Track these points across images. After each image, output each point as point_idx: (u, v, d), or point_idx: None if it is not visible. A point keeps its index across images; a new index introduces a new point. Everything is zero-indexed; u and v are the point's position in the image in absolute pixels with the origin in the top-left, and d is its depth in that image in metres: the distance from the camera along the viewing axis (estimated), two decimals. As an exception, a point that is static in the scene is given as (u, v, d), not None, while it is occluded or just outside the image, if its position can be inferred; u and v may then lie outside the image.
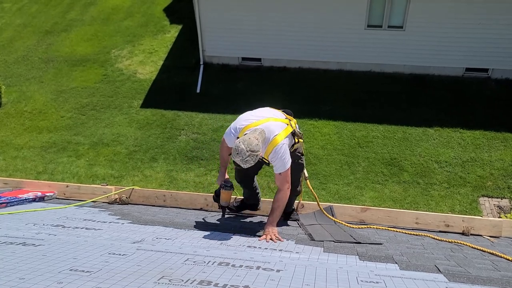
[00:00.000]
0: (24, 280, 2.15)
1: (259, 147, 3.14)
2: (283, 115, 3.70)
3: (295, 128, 3.67)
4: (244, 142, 3.11)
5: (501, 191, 7.92)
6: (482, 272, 2.79)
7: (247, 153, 3.09)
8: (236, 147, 3.13)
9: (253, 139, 3.14)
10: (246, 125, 3.40)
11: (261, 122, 3.41)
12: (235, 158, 3.15)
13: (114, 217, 3.92)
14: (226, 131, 3.55)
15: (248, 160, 3.12)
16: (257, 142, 3.14)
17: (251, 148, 3.09)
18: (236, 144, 3.15)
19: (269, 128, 3.38)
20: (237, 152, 3.11)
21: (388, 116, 9.62)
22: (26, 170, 9.04)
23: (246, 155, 3.09)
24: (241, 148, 3.09)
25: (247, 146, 3.09)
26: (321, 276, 2.50)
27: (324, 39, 10.77)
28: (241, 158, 3.11)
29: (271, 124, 3.43)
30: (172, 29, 13.29)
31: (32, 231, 3.22)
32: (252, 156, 3.11)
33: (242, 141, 3.13)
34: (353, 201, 7.76)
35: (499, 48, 10.07)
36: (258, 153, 3.15)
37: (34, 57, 12.70)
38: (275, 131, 3.39)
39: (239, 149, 3.10)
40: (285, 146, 3.42)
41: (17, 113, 10.75)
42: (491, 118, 9.36)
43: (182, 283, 2.24)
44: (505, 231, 3.85)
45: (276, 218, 3.51)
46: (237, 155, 3.12)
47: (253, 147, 3.10)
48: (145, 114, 10.31)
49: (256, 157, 3.15)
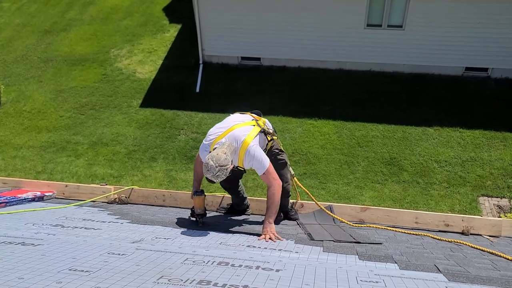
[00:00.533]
0: (23, 280, 2.15)
1: (228, 161, 3.21)
2: (250, 117, 3.75)
3: (264, 126, 3.69)
4: (212, 159, 3.19)
5: (501, 190, 7.92)
6: (482, 271, 2.79)
7: (216, 169, 3.16)
8: (205, 164, 3.21)
9: (221, 154, 3.21)
10: (214, 139, 3.46)
11: (226, 132, 3.47)
12: (206, 174, 3.22)
13: (113, 216, 3.91)
14: (199, 147, 3.62)
15: (219, 175, 3.20)
16: (226, 156, 3.21)
17: (219, 163, 3.17)
18: (205, 161, 3.23)
19: (234, 136, 3.43)
20: (207, 169, 3.19)
21: (387, 116, 9.62)
22: (25, 169, 9.03)
23: (216, 170, 3.17)
24: (211, 164, 3.17)
25: (215, 162, 3.17)
26: (321, 276, 2.50)
27: (323, 38, 10.77)
28: (211, 174, 3.19)
29: (235, 131, 3.48)
30: (172, 28, 13.28)
31: (31, 231, 3.22)
32: (222, 171, 3.19)
33: (210, 157, 3.21)
34: (353, 201, 7.76)
35: (498, 48, 10.07)
36: (228, 166, 3.21)
37: (33, 56, 12.69)
38: (241, 136, 3.44)
39: (209, 166, 3.18)
40: (255, 147, 3.46)
41: (16, 112, 10.74)
42: (491, 118, 9.36)
43: (182, 283, 2.23)
44: (504, 230, 3.85)
45: (272, 215, 3.51)
46: (208, 172, 3.20)
47: (222, 161, 3.17)
48: (145, 114, 10.30)
49: (227, 171, 3.22)
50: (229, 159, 3.22)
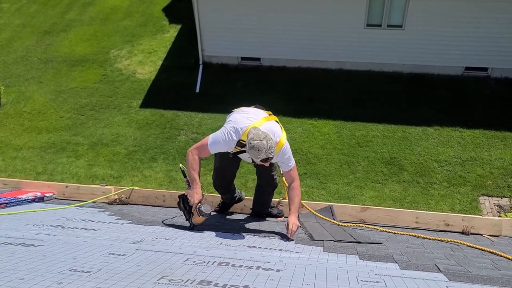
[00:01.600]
0: (23, 281, 2.15)
1: (265, 133, 3.19)
2: (265, 112, 3.73)
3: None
4: (253, 139, 3.11)
5: (501, 190, 7.92)
6: (482, 271, 2.79)
7: (264, 142, 3.09)
8: (253, 148, 3.10)
9: (255, 132, 3.16)
10: (247, 125, 3.36)
11: (259, 123, 3.42)
12: (260, 155, 3.11)
13: (113, 217, 3.91)
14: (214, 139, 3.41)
15: (271, 146, 3.13)
16: (259, 132, 3.18)
17: (262, 136, 3.12)
18: (251, 147, 3.11)
19: (272, 129, 3.42)
20: (258, 149, 3.10)
21: (387, 116, 9.62)
22: (26, 170, 9.03)
23: (265, 144, 3.09)
24: (257, 143, 3.09)
25: (257, 137, 3.11)
26: (321, 276, 2.49)
27: (323, 38, 10.77)
28: (265, 150, 3.09)
29: (271, 125, 3.47)
30: (171, 29, 13.29)
31: (31, 232, 3.22)
32: (270, 140, 3.14)
33: (251, 140, 3.12)
34: (353, 201, 7.76)
35: (498, 47, 10.07)
36: (269, 136, 3.19)
37: (33, 57, 12.69)
38: (278, 132, 3.47)
39: (257, 145, 3.09)
40: (288, 145, 3.54)
41: (16, 113, 10.74)
42: (491, 117, 9.36)
43: (182, 283, 2.23)
44: (505, 230, 3.85)
45: (297, 209, 3.63)
46: (259, 152, 3.10)
47: (262, 134, 3.14)
48: (145, 114, 10.30)
49: (272, 140, 3.18)
50: (265, 132, 3.19)
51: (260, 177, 4.05)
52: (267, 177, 3.97)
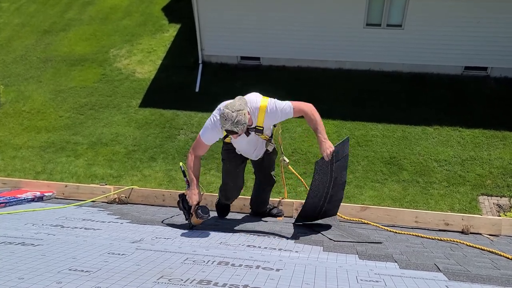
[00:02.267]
0: (23, 280, 2.15)
1: (242, 107, 3.17)
2: None
3: None
4: (226, 107, 3.14)
5: (501, 189, 7.92)
6: (482, 270, 2.79)
7: (234, 114, 3.09)
8: (222, 115, 3.12)
9: (233, 102, 3.17)
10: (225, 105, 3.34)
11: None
12: (226, 125, 3.13)
13: (113, 216, 3.91)
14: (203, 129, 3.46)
15: (239, 121, 3.11)
16: (240, 103, 3.17)
17: (235, 108, 3.11)
18: (221, 112, 3.15)
19: (250, 98, 3.40)
20: (225, 118, 3.10)
21: (387, 115, 9.62)
22: (25, 170, 9.02)
23: (234, 116, 3.09)
24: (226, 112, 3.10)
25: (230, 108, 3.11)
26: (321, 275, 2.50)
27: (323, 38, 10.76)
28: (231, 122, 3.10)
29: (251, 94, 3.48)
30: (171, 28, 13.28)
31: (31, 231, 3.22)
32: (240, 115, 3.11)
33: (224, 107, 3.15)
34: (353, 200, 7.76)
35: (498, 47, 10.07)
36: (244, 111, 3.16)
37: (32, 56, 12.68)
38: (257, 99, 3.43)
39: (225, 114, 3.10)
40: (273, 102, 3.48)
41: (15, 113, 10.73)
42: (490, 117, 9.36)
43: (182, 283, 2.23)
44: (504, 229, 3.86)
45: (323, 131, 3.62)
46: (226, 121, 3.11)
47: (237, 107, 3.13)
48: (144, 114, 10.30)
49: (244, 116, 3.14)
50: (243, 106, 3.17)
51: (258, 176, 4.05)
52: (265, 175, 3.96)
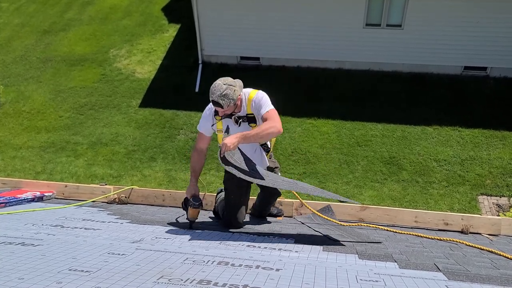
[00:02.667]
0: (23, 280, 2.15)
1: (234, 82, 3.20)
2: None
3: None
4: (219, 80, 3.17)
5: (500, 189, 7.93)
6: (481, 270, 2.79)
7: (224, 86, 3.12)
8: (212, 87, 3.16)
9: (227, 78, 3.21)
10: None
11: None
12: (213, 95, 3.15)
13: (113, 216, 3.91)
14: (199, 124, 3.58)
15: (227, 94, 3.11)
16: (232, 80, 3.22)
17: (227, 82, 3.14)
18: (212, 86, 3.17)
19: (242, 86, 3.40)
20: (214, 88, 3.13)
21: (387, 115, 9.63)
22: (25, 170, 9.02)
23: (224, 88, 3.12)
24: (217, 83, 3.13)
25: (223, 80, 3.15)
26: (321, 275, 2.50)
27: (322, 38, 10.77)
28: (219, 93, 3.12)
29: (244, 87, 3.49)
30: (171, 28, 13.28)
31: (31, 231, 3.22)
32: (230, 89, 3.13)
33: (217, 80, 3.19)
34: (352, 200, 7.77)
35: (497, 47, 10.08)
36: (235, 88, 3.17)
37: (32, 56, 12.68)
38: (247, 89, 3.45)
39: (216, 85, 3.13)
40: (262, 94, 3.41)
41: (15, 113, 10.73)
42: (490, 117, 9.37)
43: (182, 283, 2.23)
44: (504, 229, 3.86)
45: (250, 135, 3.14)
46: (215, 93, 3.13)
47: (229, 81, 3.16)
48: (144, 114, 10.30)
49: (234, 92, 3.15)
50: (235, 82, 3.21)
51: (263, 190, 3.91)
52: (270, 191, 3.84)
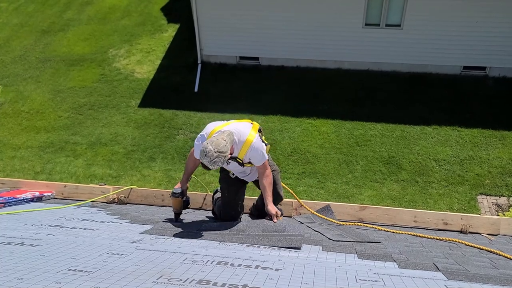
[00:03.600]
0: (22, 280, 2.15)
1: (227, 148, 3.15)
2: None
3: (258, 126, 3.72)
4: (212, 143, 3.12)
5: (499, 189, 7.94)
6: (481, 270, 2.79)
7: (215, 154, 3.09)
8: (204, 149, 3.12)
9: (221, 140, 3.15)
10: (212, 129, 3.40)
11: (226, 124, 3.47)
12: (203, 160, 3.13)
13: (112, 216, 3.91)
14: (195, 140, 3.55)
15: (216, 161, 3.12)
16: (225, 143, 3.15)
17: (219, 149, 3.10)
18: (203, 146, 3.14)
19: (238, 128, 3.42)
20: (205, 153, 3.10)
21: (386, 115, 9.63)
22: (24, 170, 9.01)
23: (214, 156, 3.09)
24: (209, 149, 3.09)
25: (215, 147, 3.10)
26: (320, 275, 2.50)
27: (322, 38, 10.77)
28: (209, 160, 3.10)
29: (237, 124, 3.49)
30: (170, 28, 13.27)
31: (30, 231, 3.21)
32: (220, 157, 3.11)
33: (210, 142, 3.14)
34: (352, 200, 7.77)
35: (496, 46, 10.08)
36: (226, 154, 3.15)
37: (31, 56, 12.67)
38: (245, 131, 3.45)
39: (207, 151, 3.09)
40: (259, 142, 3.49)
41: (14, 113, 10.72)
42: (489, 117, 9.38)
43: (181, 283, 2.23)
44: (503, 229, 3.86)
45: (271, 196, 3.66)
46: (205, 157, 3.11)
47: (221, 148, 3.11)
48: (143, 114, 10.29)
49: (224, 158, 3.15)
50: (228, 147, 3.17)
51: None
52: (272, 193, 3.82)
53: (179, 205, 3.72)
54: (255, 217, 4.14)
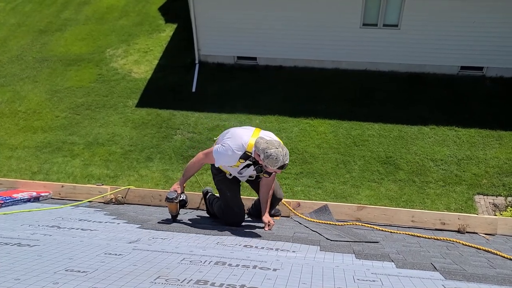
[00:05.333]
0: (19, 281, 2.14)
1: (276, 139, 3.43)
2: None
3: None
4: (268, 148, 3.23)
5: (496, 188, 7.96)
6: (478, 269, 2.80)
7: (279, 149, 3.24)
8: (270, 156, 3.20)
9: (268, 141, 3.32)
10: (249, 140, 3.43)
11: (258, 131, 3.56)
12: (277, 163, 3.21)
13: (110, 217, 3.90)
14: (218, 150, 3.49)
15: (286, 151, 3.30)
16: (269, 139, 3.37)
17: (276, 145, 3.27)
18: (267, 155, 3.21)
19: (270, 135, 3.52)
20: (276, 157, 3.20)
21: (383, 115, 9.65)
22: (21, 170, 8.99)
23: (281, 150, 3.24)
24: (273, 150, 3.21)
25: (272, 145, 3.25)
26: (318, 275, 2.50)
27: (319, 38, 10.78)
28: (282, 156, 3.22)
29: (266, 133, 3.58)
30: (167, 28, 13.26)
31: (27, 232, 3.20)
32: (283, 147, 3.31)
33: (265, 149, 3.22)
34: (349, 200, 7.78)
35: (493, 47, 10.11)
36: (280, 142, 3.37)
37: (28, 56, 12.63)
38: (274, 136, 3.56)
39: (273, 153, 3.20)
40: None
41: (11, 113, 10.69)
42: (486, 116, 9.40)
43: (179, 283, 2.23)
44: (500, 228, 3.87)
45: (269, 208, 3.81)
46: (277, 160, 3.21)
47: (275, 142, 3.31)
48: (140, 114, 10.28)
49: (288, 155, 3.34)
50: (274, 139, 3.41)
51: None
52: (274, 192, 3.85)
53: (175, 208, 3.71)
54: (254, 217, 4.15)
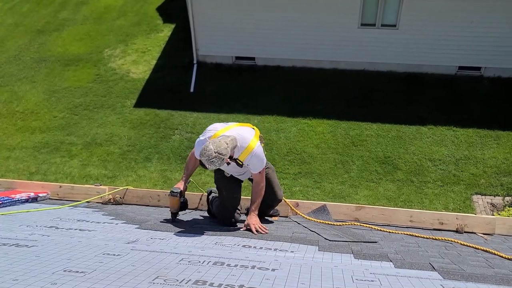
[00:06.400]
0: (17, 282, 2.13)
1: (227, 152, 3.20)
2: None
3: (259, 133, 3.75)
4: (213, 144, 3.17)
5: (494, 188, 7.97)
6: (476, 269, 2.80)
7: (213, 154, 3.14)
8: (205, 147, 3.18)
9: (223, 143, 3.20)
10: (216, 132, 3.43)
11: (229, 127, 3.50)
12: (202, 157, 3.19)
13: (108, 217, 3.90)
14: (196, 142, 3.58)
15: (213, 161, 3.16)
16: (226, 147, 3.20)
17: (219, 151, 3.14)
18: (205, 144, 3.20)
19: (241, 134, 3.45)
20: (205, 151, 3.16)
21: (382, 115, 9.66)
22: (19, 170, 8.97)
23: (213, 156, 3.14)
24: (209, 148, 3.15)
25: (215, 148, 3.15)
26: (316, 275, 2.50)
27: (318, 38, 10.78)
28: (207, 158, 3.15)
29: (241, 130, 3.52)
30: (165, 28, 13.25)
31: (25, 232, 3.20)
32: (218, 159, 3.16)
33: (212, 142, 3.20)
34: (348, 200, 7.78)
35: (491, 47, 10.13)
36: (225, 157, 3.19)
37: (26, 56, 12.60)
38: (248, 137, 3.48)
39: (207, 149, 3.15)
40: (260, 148, 3.54)
41: (9, 113, 10.66)
42: (484, 116, 9.42)
43: (177, 283, 2.23)
44: (498, 228, 3.88)
45: (257, 207, 3.68)
46: (203, 155, 3.17)
47: (221, 150, 3.16)
48: (139, 114, 10.27)
49: (222, 161, 3.19)
50: (228, 151, 3.21)
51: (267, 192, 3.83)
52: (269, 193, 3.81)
53: (177, 204, 3.73)
54: None
